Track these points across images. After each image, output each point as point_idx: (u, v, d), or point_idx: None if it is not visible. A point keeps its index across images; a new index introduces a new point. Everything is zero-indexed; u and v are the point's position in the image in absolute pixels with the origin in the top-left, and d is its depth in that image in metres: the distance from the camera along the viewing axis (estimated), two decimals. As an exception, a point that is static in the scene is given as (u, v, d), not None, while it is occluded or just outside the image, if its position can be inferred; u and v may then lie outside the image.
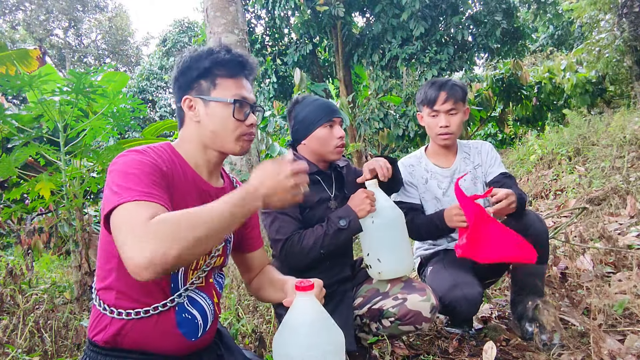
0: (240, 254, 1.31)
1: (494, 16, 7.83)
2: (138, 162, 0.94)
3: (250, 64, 1.13)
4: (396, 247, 1.50)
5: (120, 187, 0.89)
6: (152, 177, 0.93)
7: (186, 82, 1.10)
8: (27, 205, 5.13)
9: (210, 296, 1.12)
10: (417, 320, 1.47)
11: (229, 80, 1.09)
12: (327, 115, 1.60)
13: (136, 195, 0.86)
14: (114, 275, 1.00)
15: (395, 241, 1.51)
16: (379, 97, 8.41)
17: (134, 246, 0.79)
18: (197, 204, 0.92)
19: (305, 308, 0.97)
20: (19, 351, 1.82)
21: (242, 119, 1.08)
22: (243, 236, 1.29)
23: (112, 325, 1.00)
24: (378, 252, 1.50)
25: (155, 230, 0.80)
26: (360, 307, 1.58)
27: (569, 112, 7.87)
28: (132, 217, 0.83)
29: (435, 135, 1.84)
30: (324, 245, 1.45)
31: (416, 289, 1.51)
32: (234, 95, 1.08)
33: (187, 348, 1.06)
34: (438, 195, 1.89)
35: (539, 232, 1.62)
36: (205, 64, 1.08)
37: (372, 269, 1.53)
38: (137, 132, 13.35)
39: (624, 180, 3.68)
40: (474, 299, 1.54)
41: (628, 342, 1.54)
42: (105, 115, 3.30)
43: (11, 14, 22.75)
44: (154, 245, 0.78)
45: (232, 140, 1.09)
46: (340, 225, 1.44)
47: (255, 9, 9.17)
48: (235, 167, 3.29)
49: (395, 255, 1.50)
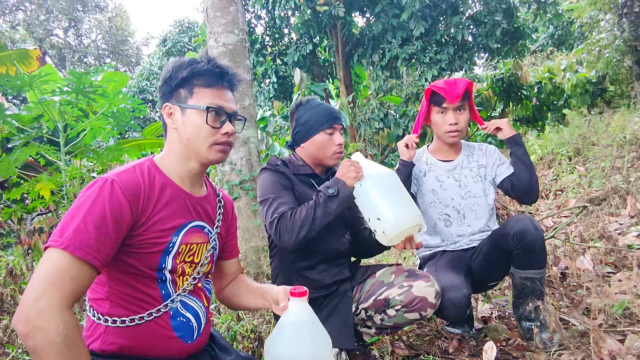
0: (217, 262, 1.32)
1: (494, 16, 7.83)
2: (100, 203, 0.94)
3: (229, 74, 1.14)
4: (393, 201, 1.40)
5: (67, 223, 0.92)
6: (105, 222, 0.93)
7: (168, 91, 1.13)
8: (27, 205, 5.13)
9: (200, 299, 1.14)
10: (422, 307, 1.49)
11: (207, 90, 1.10)
12: (329, 122, 1.61)
13: (69, 244, 0.89)
14: (107, 288, 1.02)
15: (391, 195, 1.42)
16: (379, 97, 8.41)
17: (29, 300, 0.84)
18: (180, 216, 1.06)
19: (300, 312, 1.03)
20: (19, 351, 1.82)
21: (216, 127, 1.09)
22: (225, 243, 1.30)
23: (107, 333, 1.00)
24: (375, 211, 1.40)
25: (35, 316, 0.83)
26: (366, 300, 1.59)
27: (569, 112, 7.86)
28: (46, 272, 0.87)
29: (444, 132, 1.86)
30: (317, 217, 1.41)
31: (420, 276, 1.54)
32: (209, 103, 1.09)
33: (184, 351, 1.08)
34: (435, 187, 1.91)
35: (535, 240, 1.62)
36: (184, 74, 1.10)
37: (377, 233, 1.40)
38: (137, 132, 13.35)
39: (624, 180, 3.68)
40: (459, 303, 1.55)
41: (628, 342, 1.54)
42: (105, 115, 3.30)
43: (11, 14, 22.76)
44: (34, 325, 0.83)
45: (205, 148, 1.09)
46: (329, 193, 1.42)
47: (256, 9, 9.17)
48: (235, 167, 3.29)
49: (393, 207, 1.39)
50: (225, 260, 1.33)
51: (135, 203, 0.99)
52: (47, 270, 0.86)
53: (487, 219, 1.89)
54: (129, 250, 1.00)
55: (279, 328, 1.03)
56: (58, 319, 0.83)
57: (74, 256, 0.88)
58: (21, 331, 0.82)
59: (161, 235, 1.03)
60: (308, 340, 1.00)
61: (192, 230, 1.11)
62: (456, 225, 1.88)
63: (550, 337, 1.66)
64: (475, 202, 1.88)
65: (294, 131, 1.68)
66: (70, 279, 0.87)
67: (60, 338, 0.82)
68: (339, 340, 1.46)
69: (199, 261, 1.13)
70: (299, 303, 1.04)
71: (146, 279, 1.03)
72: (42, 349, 0.81)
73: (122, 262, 1.00)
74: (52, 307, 0.83)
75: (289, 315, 1.04)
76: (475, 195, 1.88)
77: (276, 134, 8.61)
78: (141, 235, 1.00)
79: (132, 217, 0.98)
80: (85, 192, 0.97)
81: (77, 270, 0.88)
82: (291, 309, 1.04)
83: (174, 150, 1.12)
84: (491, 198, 1.89)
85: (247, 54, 3.51)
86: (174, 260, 1.05)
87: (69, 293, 0.86)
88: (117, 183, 0.97)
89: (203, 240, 1.14)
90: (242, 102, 3.36)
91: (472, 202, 1.88)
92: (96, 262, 0.90)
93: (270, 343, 1.02)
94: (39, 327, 0.81)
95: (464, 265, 1.78)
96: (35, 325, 0.81)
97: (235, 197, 3.20)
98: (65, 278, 0.86)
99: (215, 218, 1.21)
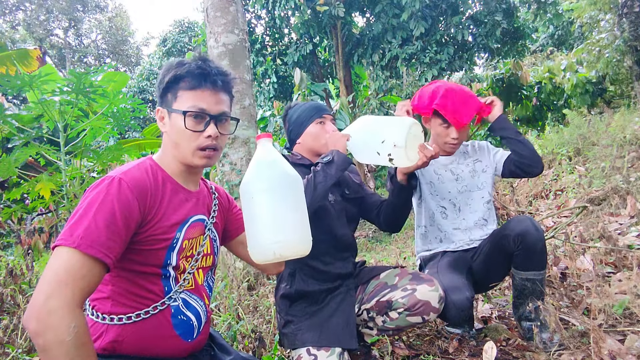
0: (234, 242, 1.33)
1: (494, 16, 7.82)
2: (109, 202, 0.94)
3: (212, 75, 1.10)
4: (386, 121, 1.48)
5: (77, 222, 0.92)
6: (114, 220, 0.94)
7: (159, 95, 1.14)
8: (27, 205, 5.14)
9: (201, 298, 1.14)
10: (425, 311, 1.49)
11: (189, 92, 1.09)
12: (318, 113, 1.66)
13: (81, 243, 0.89)
14: (110, 287, 1.02)
15: (381, 121, 1.51)
16: (379, 97, 8.41)
17: (40, 298, 0.84)
18: (181, 211, 1.08)
19: (264, 150, 1.13)
20: (19, 351, 1.82)
21: (198, 130, 1.08)
22: (228, 221, 1.31)
23: (109, 332, 1.00)
24: (376, 140, 1.44)
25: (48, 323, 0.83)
26: (368, 301, 1.59)
27: (569, 112, 7.86)
28: (57, 271, 0.87)
29: (444, 143, 1.87)
30: (318, 182, 1.42)
31: (424, 280, 1.54)
32: (189, 107, 1.08)
33: (184, 350, 1.09)
34: (433, 180, 1.93)
35: (536, 241, 1.62)
36: (168, 77, 1.10)
37: (392, 154, 1.42)
38: (137, 132, 13.36)
39: (624, 180, 3.68)
40: (462, 305, 1.55)
41: (628, 342, 1.54)
42: (105, 115, 3.30)
43: (11, 14, 22.75)
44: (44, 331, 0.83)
45: (189, 153, 1.09)
46: (325, 160, 1.46)
47: (255, 9, 9.16)
48: (235, 167, 3.29)
49: (389, 124, 1.47)
50: (239, 235, 1.32)
51: (142, 200, 1.00)
52: (58, 269, 0.86)
53: (482, 212, 1.90)
54: (135, 247, 1.00)
55: (249, 166, 1.13)
56: (69, 318, 0.83)
57: (86, 254, 0.88)
58: (32, 330, 0.82)
59: (166, 231, 1.04)
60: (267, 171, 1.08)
61: (194, 225, 1.12)
62: (452, 218, 1.91)
63: (550, 337, 1.66)
64: (471, 195, 1.91)
65: (289, 131, 1.73)
66: (81, 277, 0.87)
67: (70, 337, 0.82)
68: (342, 340, 1.46)
69: (197, 252, 1.13)
70: (265, 143, 1.13)
71: (151, 276, 1.03)
72: (52, 347, 0.82)
73: (127, 260, 1.00)
74: (63, 305, 0.83)
75: (256, 154, 1.13)
76: (471, 190, 1.91)
77: (276, 133, 8.61)
78: (147, 231, 1.01)
79: (141, 214, 0.99)
80: (92, 191, 0.97)
81: (88, 268, 0.88)
82: (258, 149, 1.13)
83: (167, 151, 1.14)
84: (487, 192, 1.92)
85: (247, 54, 3.51)
86: (177, 256, 1.06)
87: (80, 291, 0.87)
88: (125, 181, 0.98)
89: (201, 232, 1.15)
90: (242, 102, 3.37)
91: (468, 195, 1.91)
92: (108, 260, 0.91)
93: (244, 181, 1.11)
94: (50, 325, 0.82)
95: (465, 266, 1.78)
96: (46, 323, 0.82)
97: (236, 197, 3.20)
98: (77, 276, 0.87)
99: (211, 209, 1.22)
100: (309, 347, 1.44)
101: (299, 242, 1.07)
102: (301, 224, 1.09)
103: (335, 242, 1.60)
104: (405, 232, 5.54)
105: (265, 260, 1.07)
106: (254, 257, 1.09)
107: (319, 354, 1.42)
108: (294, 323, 1.53)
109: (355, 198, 1.71)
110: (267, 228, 1.04)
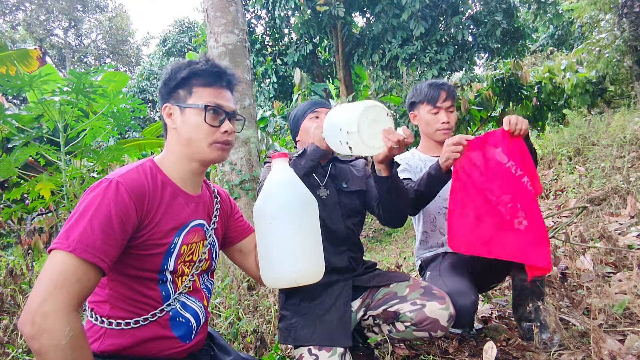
0: (233, 248, 1.33)
1: (494, 16, 7.83)
2: (106, 205, 0.94)
3: (227, 74, 1.15)
4: (348, 106, 1.37)
5: (73, 225, 0.91)
6: (110, 224, 0.93)
7: (167, 92, 1.14)
8: (27, 205, 5.14)
9: (200, 299, 1.15)
10: (433, 328, 1.47)
11: (205, 89, 1.11)
12: (312, 107, 1.69)
13: (76, 247, 0.89)
14: (107, 291, 1.02)
15: (347, 107, 1.41)
16: (379, 97, 8.41)
17: (35, 302, 0.84)
18: (181, 216, 1.08)
19: (281, 170, 1.15)
20: (19, 351, 1.82)
21: (215, 125, 1.10)
22: (229, 227, 1.31)
23: (107, 334, 1.00)
24: (338, 130, 1.34)
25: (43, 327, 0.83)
26: (375, 308, 1.58)
27: (569, 112, 7.86)
28: (52, 275, 0.87)
29: (435, 130, 1.91)
30: (301, 167, 1.43)
31: (436, 297, 1.50)
32: (207, 102, 1.10)
33: (183, 351, 1.09)
34: None
35: None
36: (183, 74, 1.11)
37: (350, 141, 1.30)
38: (137, 132, 13.35)
39: (624, 180, 3.68)
40: (468, 310, 1.55)
41: (628, 342, 1.54)
42: (105, 115, 3.30)
43: (11, 14, 22.75)
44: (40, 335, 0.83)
45: (205, 147, 1.10)
46: (296, 155, 1.48)
47: (256, 9, 9.17)
48: (236, 167, 3.29)
49: (348, 110, 1.36)
50: (239, 243, 1.33)
51: (140, 204, 0.99)
52: (53, 273, 0.86)
53: None
54: (131, 252, 1.00)
55: (264, 188, 1.13)
56: (64, 321, 0.83)
57: (81, 258, 0.88)
58: (27, 333, 0.82)
59: (164, 236, 1.03)
60: (291, 192, 1.09)
61: (193, 230, 1.11)
62: None
63: (550, 337, 1.65)
64: None
65: (291, 131, 1.76)
66: (76, 281, 0.87)
67: (65, 340, 0.82)
68: (334, 339, 1.44)
69: (197, 259, 1.13)
70: (280, 163, 1.14)
71: (147, 281, 1.03)
72: (47, 351, 0.82)
73: (123, 264, 1.00)
74: (59, 309, 0.83)
75: (272, 175, 1.14)
76: None
77: (276, 134, 8.61)
78: (144, 235, 1.00)
79: (137, 218, 0.99)
80: (90, 193, 0.97)
81: (83, 272, 0.88)
82: (274, 169, 1.14)
83: (174, 151, 1.13)
84: None
85: (247, 54, 3.51)
86: (175, 261, 1.06)
87: (75, 295, 0.87)
88: (122, 184, 0.97)
89: (201, 238, 1.14)
90: (242, 102, 3.37)
91: None
92: (103, 264, 0.91)
93: (257, 204, 1.12)
94: (45, 329, 0.82)
95: (467, 268, 1.77)
96: (41, 327, 0.82)
97: (236, 197, 3.20)
98: (72, 280, 0.86)
99: (212, 214, 1.22)
100: (310, 347, 1.43)
101: (314, 268, 1.05)
102: (317, 250, 1.07)
103: (329, 235, 1.56)
104: (405, 232, 5.54)
105: (278, 286, 1.05)
106: (267, 282, 1.07)
107: (320, 354, 1.42)
108: (288, 318, 1.52)
109: (356, 191, 1.68)
110: (286, 257, 1.02)
